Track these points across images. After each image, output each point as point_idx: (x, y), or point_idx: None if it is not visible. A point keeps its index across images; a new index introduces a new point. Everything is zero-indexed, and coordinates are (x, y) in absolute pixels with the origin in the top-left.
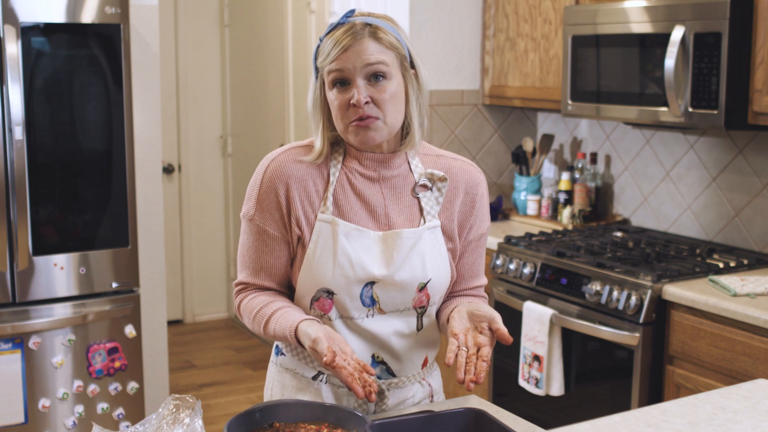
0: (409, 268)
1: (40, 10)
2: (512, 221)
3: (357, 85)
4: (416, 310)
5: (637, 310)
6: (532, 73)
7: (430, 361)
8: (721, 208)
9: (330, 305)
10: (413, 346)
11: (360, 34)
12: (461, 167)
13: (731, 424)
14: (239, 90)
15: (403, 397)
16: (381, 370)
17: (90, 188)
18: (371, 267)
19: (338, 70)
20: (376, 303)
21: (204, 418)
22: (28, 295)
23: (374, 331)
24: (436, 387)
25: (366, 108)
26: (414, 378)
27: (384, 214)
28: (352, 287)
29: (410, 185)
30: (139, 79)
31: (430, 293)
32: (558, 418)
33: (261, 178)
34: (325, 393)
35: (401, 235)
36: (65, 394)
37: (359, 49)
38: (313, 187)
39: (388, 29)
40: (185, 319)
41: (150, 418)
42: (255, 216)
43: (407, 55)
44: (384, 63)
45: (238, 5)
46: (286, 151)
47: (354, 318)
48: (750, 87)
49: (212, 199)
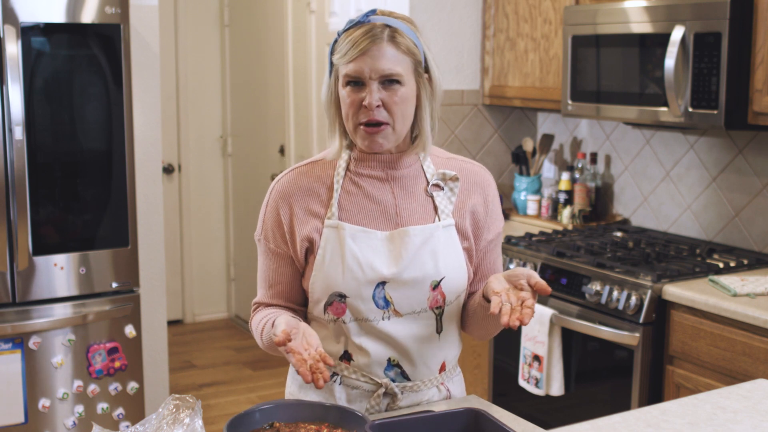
0: (420, 266)
1: (40, 10)
2: (512, 221)
3: (370, 88)
4: (433, 311)
5: (637, 310)
6: (532, 73)
7: (449, 366)
8: (721, 208)
9: (343, 309)
10: (431, 350)
11: (379, 37)
12: (471, 169)
13: (731, 424)
14: (239, 90)
15: (417, 399)
16: (396, 373)
17: (90, 188)
18: (380, 266)
19: (354, 71)
20: (391, 304)
21: (204, 418)
22: (28, 295)
23: (391, 333)
24: (456, 392)
25: (376, 111)
26: (430, 382)
27: (395, 213)
28: (363, 289)
29: (422, 184)
30: (139, 79)
31: (445, 292)
32: (558, 418)
33: (267, 201)
34: (338, 393)
35: (408, 233)
36: (65, 394)
37: (377, 54)
38: (317, 200)
39: (407, 33)
40: (185, 319)
41: (150, 418)
42: (262, 237)
43: (422, 60)
44: (399, 70)
45: (238, 5)
46: (289, 172)
47: (370, 320)
48: (750, 87)
49: (212, 199)
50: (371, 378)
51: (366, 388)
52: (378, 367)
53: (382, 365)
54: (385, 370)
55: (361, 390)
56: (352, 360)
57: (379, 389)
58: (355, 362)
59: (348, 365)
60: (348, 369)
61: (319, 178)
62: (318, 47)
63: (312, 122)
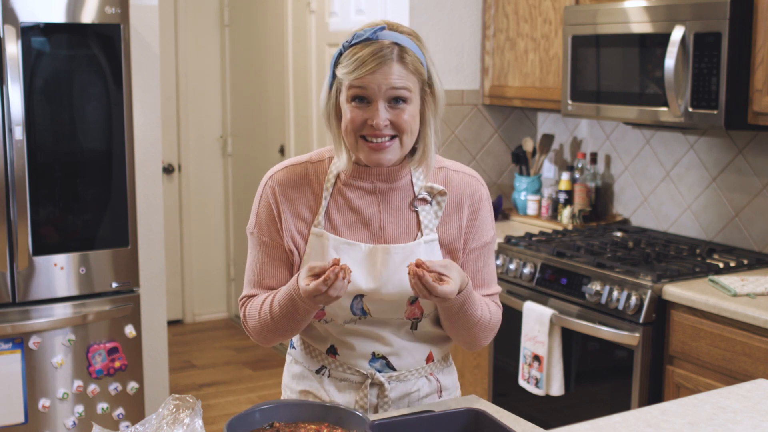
0: (398, 283)
1: (40, 10)
2: (512, 221)
3: (378, 108)
4: (410, 320)
5: (637, 310)
6: (532, 73)
7: (437, 357)
8: (721, 208)
9: (323, 313)
10: (412, 342)
11: (388, 57)
12: (462, 180)
13: (731, 424)
14: (239, 90)
15: (406, 390)
16: (381, 364)
17: (90, 188)
18: (359, 280)
19: (361, 88)
20: (368, 314)
21: (204, 418)
22: (28, 295)
23: (370, 331)
24: (447, 384)
25: (383, 129)
26: (418, 372)
27: (379, 227)
28: (341, 300)
29: (408, 198)
30: (139, 79)
31: (423, 306)
32: (558, 418)
33: (260, 194)
34: (327, 386)
35: (389, 251)
36: (65, 394)
37: (386, 72)
38: (305, 204)
39: (414, 50)
40: (185, 319)
41: (150, 418)
42: (255, 229)
43: (427, 78)
44: (407, 89)
45: (238, 5)
46: (283, 169)
47: (348, 323)
48: (750, 87)
49: (212, 199)
50: (357, 370)
51: (354, 380)
52: (363, 360)
53: (367, 358)
54: (370, 362)
55: (348, 382)
56: (338, 354)
57: (366, 380)
58: (341, 356)
59: (334, 359)
60: (335, 362)
61: (310, 181)
62: (318, 47)
63: (312, 122)
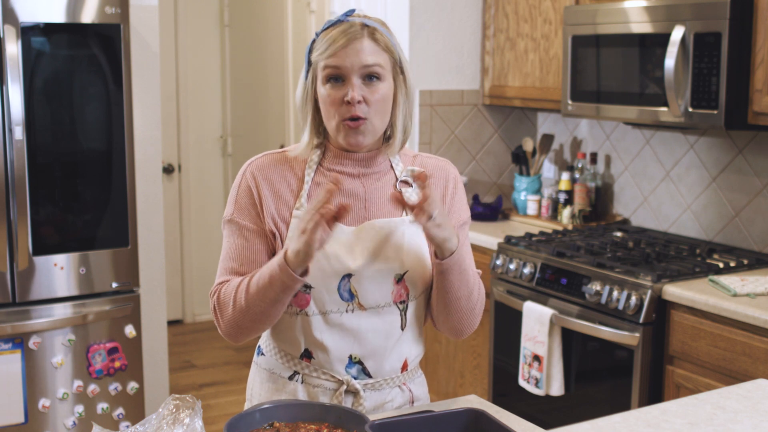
0: (384, 259)
1: (40, 10)
2: (512, 221)
3: (353, 83)
4: (398, 306)
5: (637, 310)
6: (532, 73)
7: (411, 366)
8: (721, 208)
9: (307, 300)
10: (393, 346)
11: (359, 33)
12: (436, 164)
13: (731, 424)
14: (239, 90)
15: (381, 400)
16: (357, 370)
17: (90, 188)
18: (346, 259)
19: (335, 67)
20: (355, 297)
21: (204, 418)
22: (28, 295)
23: (354, 327)
24: (418, 394)
25: (357, 107)
26: (392, 381)
27: (364, 207)
28: (328, 280)
29: (391, 181)
30: (139, 79)
31: (409, 286)
32: (558, 418)
33: (240, 180)
34: (300, 393)
35: (374, 226)
36: (65, 394)
37: (358, 48)
38: (287, 188)
39: (384, 32)
40: (185, 319)
41: (150, 418)
42: (234, 215)
43: (399, 60)
44: (380, 65)
45: (238, 5)
46: (262, 156)
47: (332, 312)
48: (750, 87)
49: (212, 199)
50: (332, 375)
51: (327, 386)
52: (339, 364)
53: (344, 362)
54: (346, 368)
55: (322, 388)
56: (313, 358)
57: (341, 387)
58: (316, 360)
59: (309, 363)
60: (309, 367)
61: (291, 166)
62: None
63: None
